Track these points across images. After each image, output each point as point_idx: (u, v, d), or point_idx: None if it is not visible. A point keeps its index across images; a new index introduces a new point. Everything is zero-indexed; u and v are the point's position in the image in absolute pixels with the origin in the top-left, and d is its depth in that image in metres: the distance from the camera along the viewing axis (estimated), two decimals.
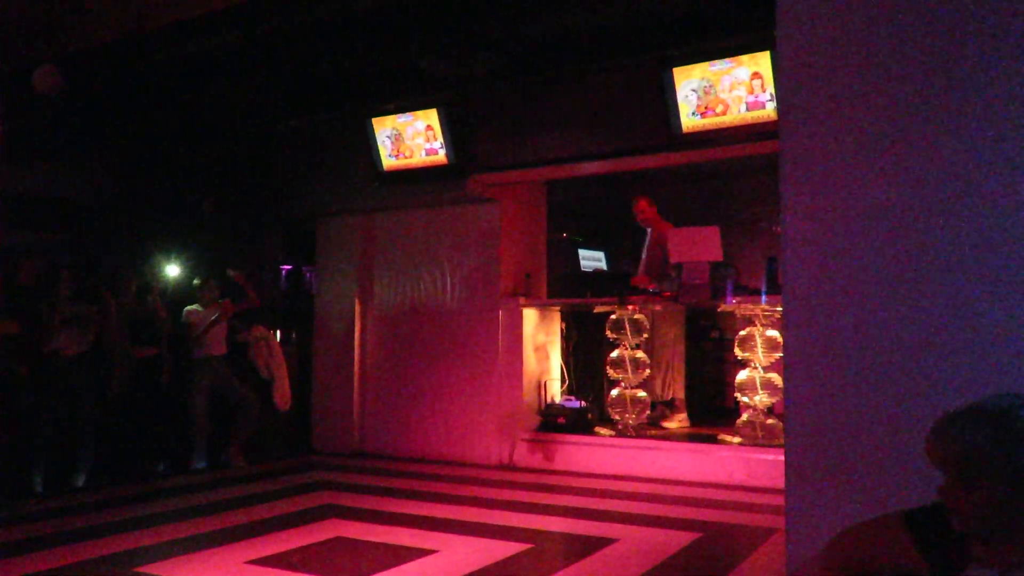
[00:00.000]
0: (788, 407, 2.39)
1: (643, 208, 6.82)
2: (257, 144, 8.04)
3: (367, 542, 4.30)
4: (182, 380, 6.67)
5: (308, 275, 8.86)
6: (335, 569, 3.83)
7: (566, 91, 6.34)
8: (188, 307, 6.80)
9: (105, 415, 6.13)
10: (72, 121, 6.99)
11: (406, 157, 6.94)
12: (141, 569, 3.84)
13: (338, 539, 4.38)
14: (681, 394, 6.83)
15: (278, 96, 7.25)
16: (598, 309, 6.60)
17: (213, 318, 6.74)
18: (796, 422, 2.37)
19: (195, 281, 7.08)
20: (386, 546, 4.20)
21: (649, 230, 6.86)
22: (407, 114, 6.82)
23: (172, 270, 7.76)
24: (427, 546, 4.18)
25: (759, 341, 5.79)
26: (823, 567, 1.71)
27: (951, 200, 2.19)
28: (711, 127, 5.59)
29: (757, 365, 5.81)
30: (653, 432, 6.47)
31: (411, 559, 3.97)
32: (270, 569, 3.83)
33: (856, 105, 2.33)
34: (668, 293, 6.29)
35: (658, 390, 6.80)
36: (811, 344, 2.35)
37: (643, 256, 6.90)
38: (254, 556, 4.02)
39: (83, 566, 3.93)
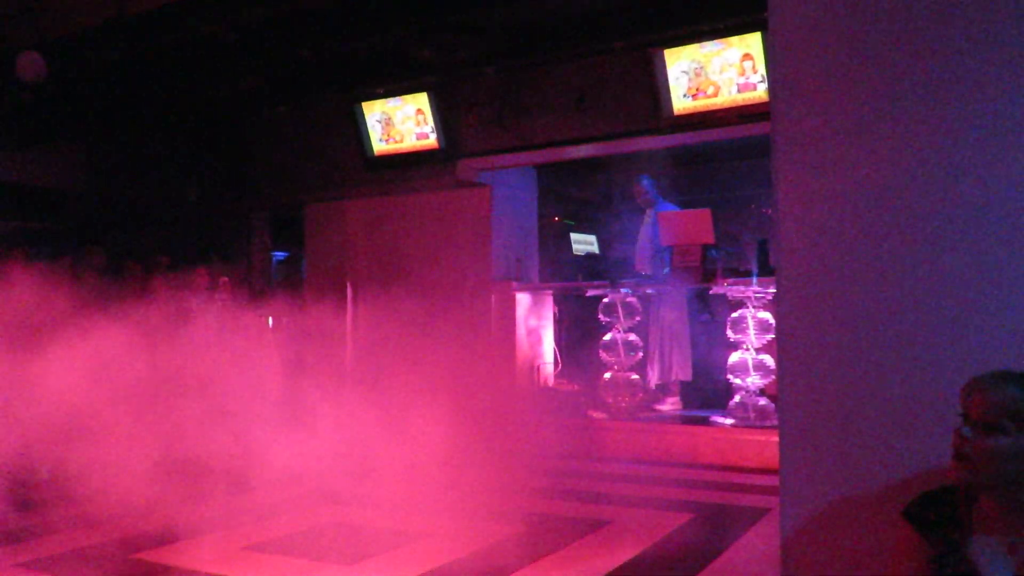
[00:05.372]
0: (782, 388, 2.40)
1: (644, 190, 6.64)
2: (243, 130, 7.97)
3: (360, 526, 4.31)
4: None
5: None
6: (330, 553, 3.84)
7: (556, 74, 6.30)
8: None
9: None
10: (54, 108, 6.91)
11: (396, 141, 6.89)
12: (136, 556, 3.84)
13: (332, 524, 4.39)
14: (685, 376, 6.66)
15: (264, 82, 7.18)
16: (590, 292, 6.60)
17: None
18: (790, 402, 2.37)
19: None
20: (378, 530, 4.21)
21: (648, 211, 6.70)
22: (397, 98, 6.78)
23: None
24: (419, 529, 4.19)
25: (751, 323, 5.82)
26: None
27: (944, 180, 2.19)
28: (702, 109, 5.57)
29: (749, 347, 5.84)
30: (646, 414, 6.50)
31: (404, 543, 3.98)
32: (267, 555, 3.85)
33: (848, 85, 2.32)
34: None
35: (658, 373, 6.70)
36: (804, 325, 2.36)
37: (644, 238, 6.78)
38: (250, 542, 4.04)
39: (84, 551, 3.93)
